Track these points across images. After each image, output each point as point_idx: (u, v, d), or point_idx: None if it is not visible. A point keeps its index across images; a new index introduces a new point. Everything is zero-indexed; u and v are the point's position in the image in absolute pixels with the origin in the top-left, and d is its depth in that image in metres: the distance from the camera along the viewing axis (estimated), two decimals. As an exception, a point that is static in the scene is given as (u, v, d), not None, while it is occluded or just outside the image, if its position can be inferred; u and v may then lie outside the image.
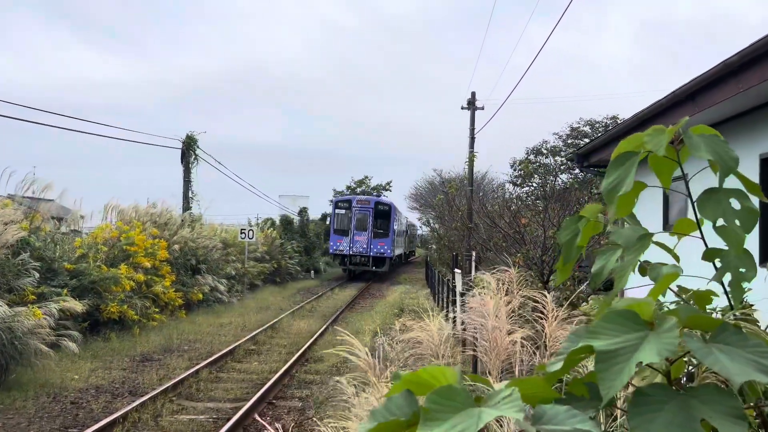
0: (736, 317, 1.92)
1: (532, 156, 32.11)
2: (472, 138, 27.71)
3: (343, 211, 38.84)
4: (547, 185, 20.10)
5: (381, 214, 38.76)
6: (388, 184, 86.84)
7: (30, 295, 13.42)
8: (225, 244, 28.61)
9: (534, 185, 26.41)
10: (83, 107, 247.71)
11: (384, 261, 38.68)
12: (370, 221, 38.42)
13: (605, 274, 1.26)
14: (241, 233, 28.75)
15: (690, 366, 1.46)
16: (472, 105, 28.16)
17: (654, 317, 1.14)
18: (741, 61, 6.40)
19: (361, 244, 38.10)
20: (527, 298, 6.40)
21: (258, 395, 10.57)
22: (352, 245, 38.08)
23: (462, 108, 28.56)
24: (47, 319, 12.21)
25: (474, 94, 28.16)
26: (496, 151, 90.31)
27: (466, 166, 28.34)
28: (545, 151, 32.44)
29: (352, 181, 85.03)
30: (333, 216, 39.95)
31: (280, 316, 21.24)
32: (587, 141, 19.62)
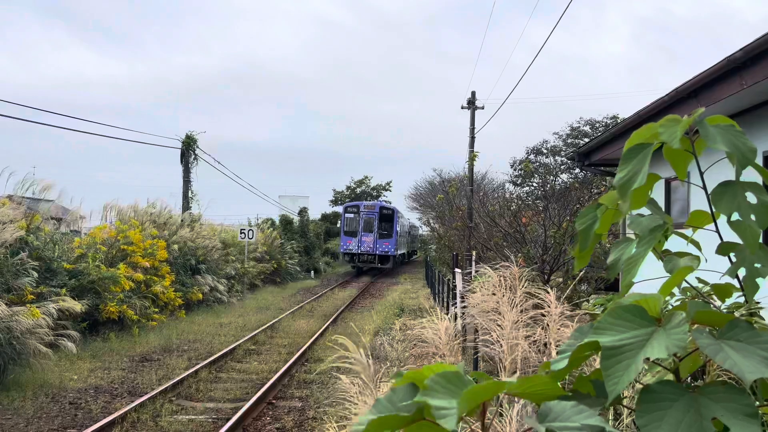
0: (742, 314, 1.89)
1: (532, 156, 32.07)
2: (472, 137, 27.67)
3: (352, 215, 43.01)
4: (548, 185, 20.06)
5: (385, 217, 42.85)
6: (388, 184, 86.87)
7: (29, 295, 13.38)
8: (225, 244, 28.59)
9: (534, 185, 26.38)
10: (81, 107, 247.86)
11: (388, 259, 42.69)
12: (375, 224, 42.38)
13: (620, 266, 1.23)
14: (241, 233, 28.73)
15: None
16: (472, 104, 28.10)
17: (662, 313, 1.11)
18: (745, 57, 6.34)
19: (368, 244, 42.11)
20: (530, 294, 6.37)
21: (258, 395, 10.54)
22: (360, 245, 42.11)
23: (462, 107, 28.51)
24: (46, 319, 12.18)
25: (474, 93, 28.12)
26: (496, 151, 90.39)
27: (466, 165, 28.30)
28: (545, 151, 32.40)
29: (351, 181, 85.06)
30: (343, 219, 43.85)
31: (279, 316, 21.21)
32: (587, 140, 19.60)
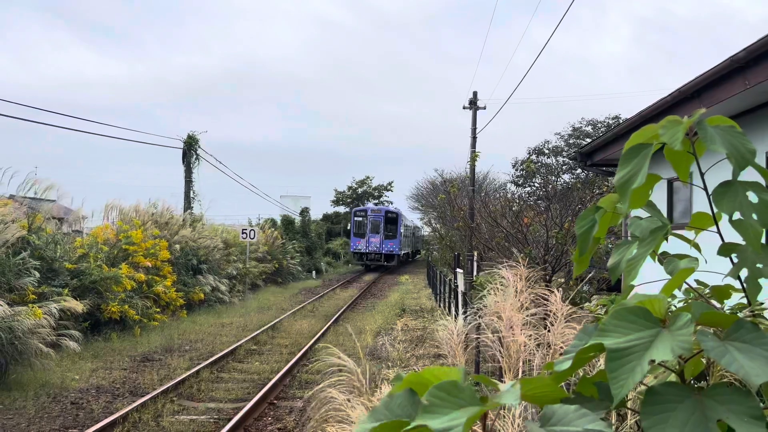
0: (746, 315, 1.87)
1: (534, 156, 32.06)
2: (473, 137, 27.64)
3: (361, 219, 47.93)
4: (549, 185, 20.03)
5: (390, 220, 47.77)
6: (389, 184, 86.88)
7: (30, 295, 13.39)
8: (226, 244, 28.60)
9: (536, 185, 26.37)
10: (82, 107, 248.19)
11: (393, 257, 47.80)
12: (381, 226, 47.21)
13: (621, 268, 1.21)
14: (243, 233, 28.73)
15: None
16: (473, 104, 28.07)
17: (667, 314, 1.10)
18: (748, 57, 6.30)
19: (375, 244, 47.08)
20: (536, 295, 6.34)
21: (259, 395, 10.54)
22: (368, 245, 47.07)
23: (464, 108, 28.46)
24: (47, 319, 12.18)
25: (476, 93, 28.09)
26: (498, 151, 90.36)
27: (467, 165, 28.28)
28: (547, 151, 32.40)
29: (353, 182, 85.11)
30: (352, 223, 48.77)
31: (281, 316, 21.20)
32: (589, 140, 19.56)
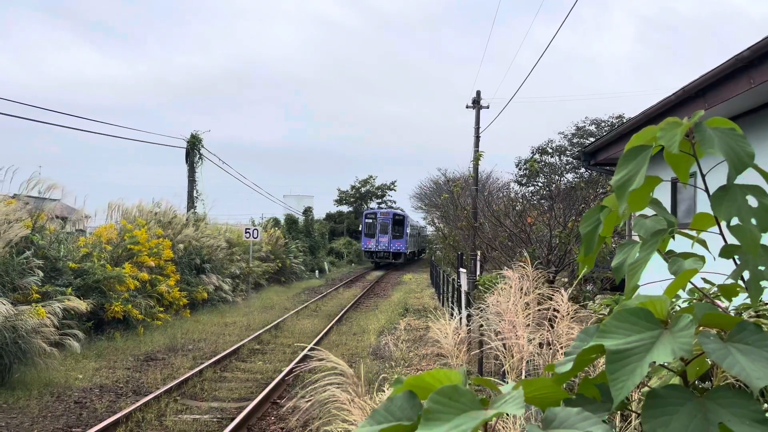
0: (750, 316, 1.86)
1: (537, 155, 32.00)
2: (477, 137, 27.63)
3: (371, 220, 52.85)
4: (553, 184, 19.99)
5: (398, 221, 52.74)
6: (392, 183, 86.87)
7: (34, 294, 13.42)
8: (229, 243, 28.61)
9: (539, 184, 26.31)
10: (83, 107, 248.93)
11: (400, 255, 52.81)
12: (390, 227, 52.23)
13: (626, 268, 1.21)
14: (246, 233, 28.74)
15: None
16: (477, 104, 28.05)
17: (669, 315, 1.09)
18: (753, 56, 6.26)
19: (384, 243, 52.11)
20: (541, 296, 6.32)
21: (262, 395, 10.54)
22: (377, 244, 52.19)
23: (467, 107, 28.46)
24: (51, 318, 12.20)
25: (479, 93, 28.09)
26: (501, 151, 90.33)
27: (470, 165, 28.25)
28: (551, 151, 32.35)
29: (356, 181, 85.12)
30: (363, 224, 53.77)
31: (284, 315, 21.21)
32: (593, 140, 19.52)
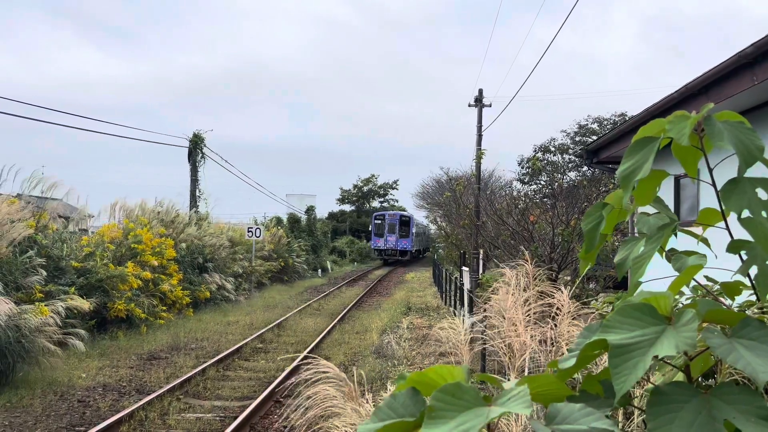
0: (754, 312, 1.85)
1: (540, 153, 31.98)
2: (479, 135, 27.59)
3: (380, 221, 59.05)
4: (555, 183, 19.96)
5: (404, 222, 58.92)
6: (395, 182, 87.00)
7: (37, 293, 13.44)
8: (232, 242, 28.62)
9: (542, 183, 26.30)
10: (85, 107, 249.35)
11: (407, 253, 59.08)
12: (397, 227, 58.24)
13: (628, 265, 1.20)
14: (248, 232, 28.75)
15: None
16: (479, 102, 28.00)
17: (672, 311, 1.08)
18: (756, 53, 6.24)
19: (392, 242, 58.33)
20: (542, 293, 6.31)
21: (265, 393, 10.55)
22: (386, 243, 58.43)
23: (469, 105, 28.40)
24: (54, 318, 12.21)
25: (481, 91, 28.02)
26: (503, 149, 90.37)
27: (473, 163, 28.22)
28: (553, 149, 32.32)
29: (358, 180, 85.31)
30: (373, 225, 60.16)
31: (287, 314, 21.22)
32: (595, 138, 19.49)
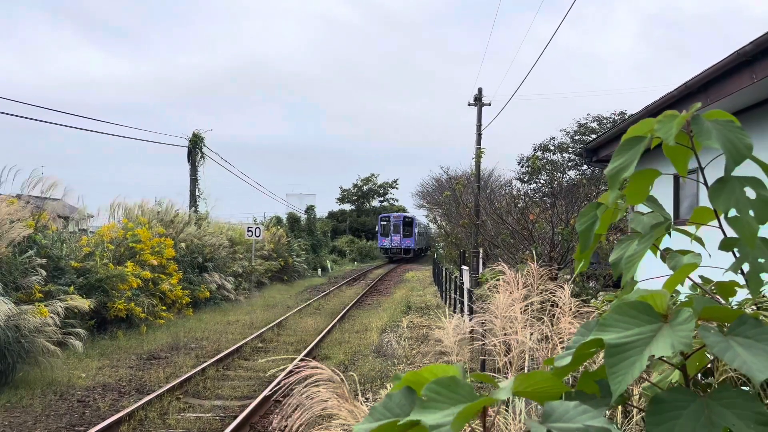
0: (752, 309, 1.85)
1: (539, 152, 31.94)
2: (479, 134, 27.60)
3: (385, 222, 63.93)
4: (555, 181, 19.96)
5: (407, 223, 63.69)
6: (394, 182, 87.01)
7: (37, 293, 13.44)
8: (232, 242, 28.62)
9: (541, 182, 26.28)
10: (86, 106, 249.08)
11: (410, 251, 64.45)
12: (401, 227, 63.14)
13: (623, 264, 1.20)
14: (248, 231, 28.75)
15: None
16: (478, 101, 28.01)
17: (669, 309, 1.08)
18: (756, 50, 6.20)
19: (397, 241, 63.41)
20: (544, 291, 6.31)
21: (265, 393, 10.54)
22: (391, 242, 63.52)
23: (469, 104, 28.41)
24: (54, 318, 12.21)
25: (481, 90, 28.03)
26: (503, 148, 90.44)
27: (473, 162, 28.21)
28: (552, 148, 32.27)
29: (358, 179, 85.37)
30: (379, 225, 65.30)
31: (287, 313, 21.22)
32: (595, 136, 19.50)
